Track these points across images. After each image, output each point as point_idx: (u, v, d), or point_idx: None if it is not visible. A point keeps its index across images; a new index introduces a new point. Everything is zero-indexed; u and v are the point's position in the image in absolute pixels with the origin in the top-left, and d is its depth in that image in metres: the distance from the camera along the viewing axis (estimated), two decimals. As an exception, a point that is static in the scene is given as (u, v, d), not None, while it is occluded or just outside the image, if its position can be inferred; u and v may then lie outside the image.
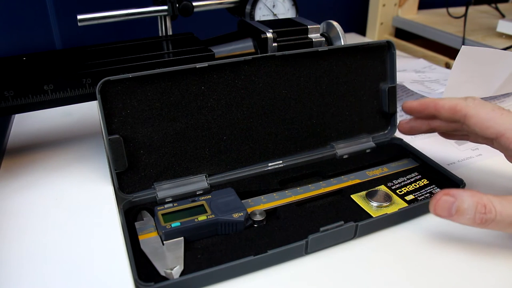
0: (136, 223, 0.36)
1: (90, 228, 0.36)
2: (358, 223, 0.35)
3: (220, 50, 0.47)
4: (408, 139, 0.49)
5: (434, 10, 0.95)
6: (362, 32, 0.94)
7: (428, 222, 0.38)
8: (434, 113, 0.39)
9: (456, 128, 0.39)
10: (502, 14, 0.90)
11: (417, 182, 0.42)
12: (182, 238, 0.34)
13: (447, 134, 0.42)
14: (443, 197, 0.33)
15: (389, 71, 0.48)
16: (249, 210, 0.37)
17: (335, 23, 0.50)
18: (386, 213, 0.37)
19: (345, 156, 0.46)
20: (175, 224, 0.34)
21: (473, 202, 0.32)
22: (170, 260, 0.32)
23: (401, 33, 0.91)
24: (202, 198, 0.38)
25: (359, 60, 0.46)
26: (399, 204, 0.39)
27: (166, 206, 0.37)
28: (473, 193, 0.33)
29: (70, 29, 0.69)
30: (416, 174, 0.43)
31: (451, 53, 0.76)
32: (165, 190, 0.40)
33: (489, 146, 0.38)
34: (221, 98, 0.41)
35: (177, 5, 0.54)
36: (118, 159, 0.38)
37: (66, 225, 0.36)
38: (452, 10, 0.88)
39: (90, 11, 0.50)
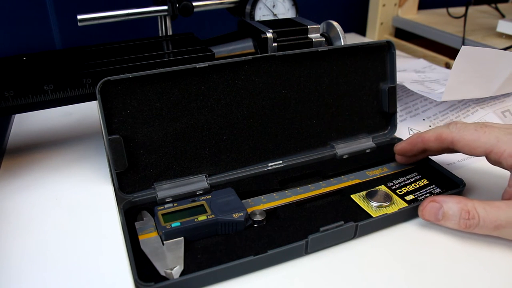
0: (136, 223, 0.36)
1: (90, 228, 0.36)
2: (358, 223, 0.35)
3: (220, 50, 0.47)
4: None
5: (434, 10, 0.95)
6: (362, 32, 0.94)
7: (428, 222, 0.38)
8: (424, 147, 0.40)
9: (451, 151, 0.41)
10: (502, 14, 0.90)
11: (417, 182, 0.42)
12: (182, 238, 0.34)
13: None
14: (430, 203, 0.36)
15: (389, 71, 0.48)
16: (249, 210, 0.37)
17: (335, 23, 0.50)
18: (386, 213, 0.37)
19: (345, 156, 0.46)
20: (175, 224, 0.34)
21: (458, 208, 0.34)
22: (170, 260, 0.32)
23: (401, 33, 0.91)
24: (202, 198, 0.38)
25: (359, 60, 0.46)
26: (399, 204, 0.39)
27: (166, 206, 0.37)
28: (458, 200, 0.35)
29: (70, 29, 0.69)
30: (416, 174, 0.43)
31: (451, 53, 0.76)
32: (165, 190, 0.40)
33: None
34: (221, 98, 0.41)
35: (177, 5, 0.54)
36: (118, 159, 0.38)
37: (66, 225, 0.36)
38: (452, 10, 0.88)
39: (90, 11, 0.50)
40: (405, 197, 0.40)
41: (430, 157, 0.44)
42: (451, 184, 0.41)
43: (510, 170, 0.35)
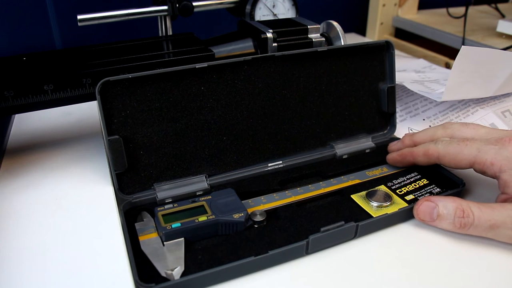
0: (136, 224, 0.36)
1: (90, 229, 0.36)
2: (359, 223, 0.35)
3: (220, 50, 0.47)
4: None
5: (434, 10, 0.95)
6: (362, 32, 0.94)
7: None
8: (413, 161, 0.42)
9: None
10: (502, 14, 0.90)
11: (417, 182, 0.42)
12: (182, 238, 0.34)
13: None
14: (425, 202, 0.36)
15: (388, 71, 0.48)
16: (250, 211, 0.37)
17: (335, 23, 0.50)
18: (386, 213, 0.37)
19: (344, 156, 0.46)
20: (176, 224, 0.34)
21: (453, 207, 0.35)
22: (171, 261, 0.32)
23: (401, 33, 0.91)
24: (202, 198, 0.38)
25: (359, 60, 0.46)
26: (399, 204, 0.39)
27: (166, 206, 0.37)
28: (453, 199, 0.36)
29: (70, 29, 0.69)
30: (416, 174, 0.43)
31: (451, 53, 0.76)
32: (165, 190, 0.40)
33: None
34: (221, 98, 0.41)
35: (177, 5, 0.54)
36: (118, 160, 0.38)
37: (66, 226, 0.36)
38: (452, 10, 0.88)
39: (90, 11, 0.50)
40: (405, 197, 0.40)
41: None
42: (451, 184, 0.41)
43: (495, 177, 0.36)
